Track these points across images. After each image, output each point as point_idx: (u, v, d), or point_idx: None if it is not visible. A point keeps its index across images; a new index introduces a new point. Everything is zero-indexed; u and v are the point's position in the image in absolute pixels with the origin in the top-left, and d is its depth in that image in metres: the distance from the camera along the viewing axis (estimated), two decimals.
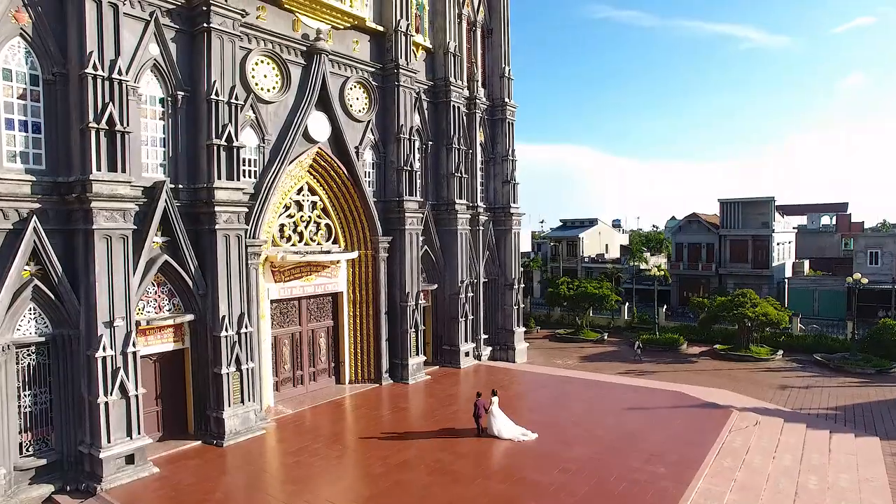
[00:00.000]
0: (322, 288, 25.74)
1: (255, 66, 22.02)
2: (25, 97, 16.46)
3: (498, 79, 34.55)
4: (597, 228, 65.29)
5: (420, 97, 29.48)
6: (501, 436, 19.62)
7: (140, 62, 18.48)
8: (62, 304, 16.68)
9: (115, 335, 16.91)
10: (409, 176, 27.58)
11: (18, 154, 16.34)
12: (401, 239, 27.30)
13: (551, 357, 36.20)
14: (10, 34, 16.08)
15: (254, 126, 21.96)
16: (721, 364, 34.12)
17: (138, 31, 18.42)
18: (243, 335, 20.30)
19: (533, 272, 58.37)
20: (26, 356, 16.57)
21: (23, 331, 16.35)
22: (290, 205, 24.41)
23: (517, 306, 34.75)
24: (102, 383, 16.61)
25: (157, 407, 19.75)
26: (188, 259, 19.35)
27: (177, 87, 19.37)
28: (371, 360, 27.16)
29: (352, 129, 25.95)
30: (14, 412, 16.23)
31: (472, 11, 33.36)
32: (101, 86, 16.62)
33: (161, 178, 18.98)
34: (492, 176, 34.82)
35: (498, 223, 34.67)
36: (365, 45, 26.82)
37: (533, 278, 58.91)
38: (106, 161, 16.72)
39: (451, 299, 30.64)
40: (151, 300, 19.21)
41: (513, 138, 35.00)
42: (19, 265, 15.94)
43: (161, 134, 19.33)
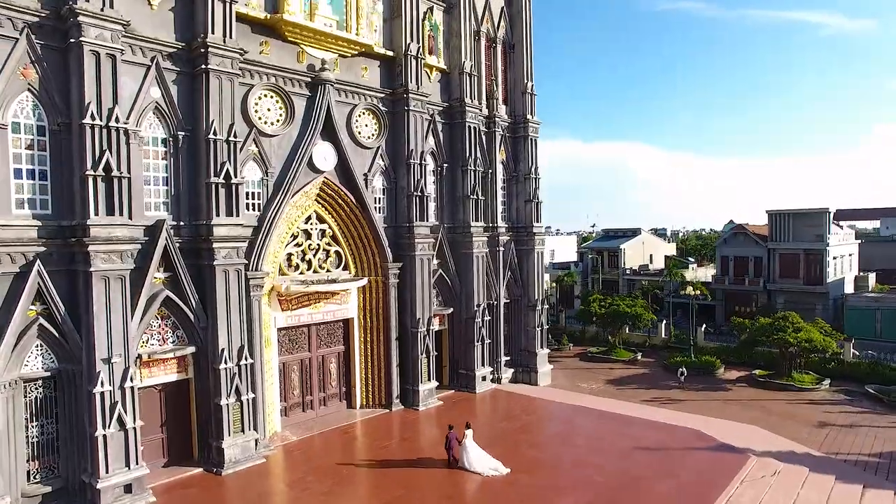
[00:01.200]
0: (332, 314, 26.07)
1: (259, 100, 22.55)
2: (33, 147, 17.50)
3: (520, 95, 33.86)
4: (640, 238, 62.85)
5: (434, 119, 29.32)
6: (473, 469, 19.74)
7: (142, 106, 19.29)
8: (66, 341, 17.66)
9: (114, 371, 17.72)
10: (420, 201, 27.47)
11: (26, 200, 17.40)
12: (411, 264, 27.24)
13: (577, 379, 35.12)
14: (19, 90, 17.13)
15: (257, 160, 22.50)
16: (757, 393, 31.98)
17: (140, 75, 19.23)
18: (243, 367, 20.83)
19: (574, 285, 56.91)
20: (33, 389, 17.65)
21: (30, 366, 17.42)
22: (298, 234, 24.85)
23: (540, 328, 33.94)
24: (101, 417, 17.44)
25: (161, 434, 20.58)
26: (189, 294, 20.03)
27: (178, 128, 20.09)
28: (382, 386, 27.26)
29: (360, 156, 26.11)
30: (22, 442, 17.32)
31: (493, 28, 32.85)
32: (98, 134, 17.47)
33: (163, 217, 19.76)
34: (514, 194, 34.17)
35: (520, 243, 33.99)
36: (374, 70, 26.93)
37: (574, 290, 57.50)
38: (104, 205, 17.56)
39: (467, 323, 30.30)
40: (155, 333, 20.02)
41: (536, 156, 34.21)
42: (25, 305, 16.97)
43: (164, 173, 20.11)
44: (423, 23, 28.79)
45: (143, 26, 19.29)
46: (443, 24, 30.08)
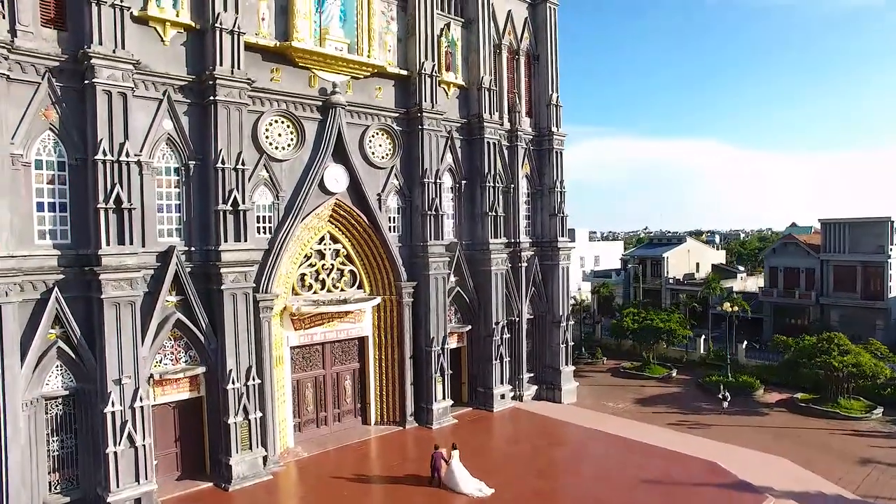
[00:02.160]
0: (345, 333, 26.53)
1: (269, 126, 23.22)
2: (54, 181, 18.77)
3: (545, 107, 33.23)
4: (685, 246, 60.13)
5: (452, 135, 29.26)
6: (459, 490, 20.15)
7: (155, 137, 20.30)
8: (82, 362, 18.86)
9: (124, 392, 18.79)
10: (435, 220, 27.48)
11: (48, 231, 18.69)
12: (425, 283, 27.30)
13: (604, 397, 34.15)
14: (42, 130, 18.41)
15: (267, 184, 23.19)
16: (796, 420, 30.03)
17: (153, 109, 20.24)
18: (251, 387, 21.57)
19: (612, 295, 55.26)
20: (54, 407, 18.96)
21: (51, 385, 18.72)
22: (311, 254, 25.42)
23: (565, 345, 33.21)
24: (112, 434, 18.55)
25: (175, 449, 21.62)
26: (200, 316, 20.93)
27: (189, 157, 21.00)
28: (396, 403, 27.51)
29: (373, 176, 26.41)
30: (44, 455, 18.67)
31: (515, 40, 32.40)
32: (109, 169, 18.55)
33: (175, 242, 20.73)
34: (539, 208, 33.58)
35: (545, 257, 33.38)
36: (389, 90, 27.15)
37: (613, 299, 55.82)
38: (115, 236, 18.64)
39: (485, 341, 30.07)
40: (169, 353, 21.05)
41: (561, 169, 33.47)
42: (45, 329, 18.26)
43: (176, 200, 21.06)
44: (440, 39, 28.77)
45: (156, 62, 20.29)
46: (461, 39, 29.92)
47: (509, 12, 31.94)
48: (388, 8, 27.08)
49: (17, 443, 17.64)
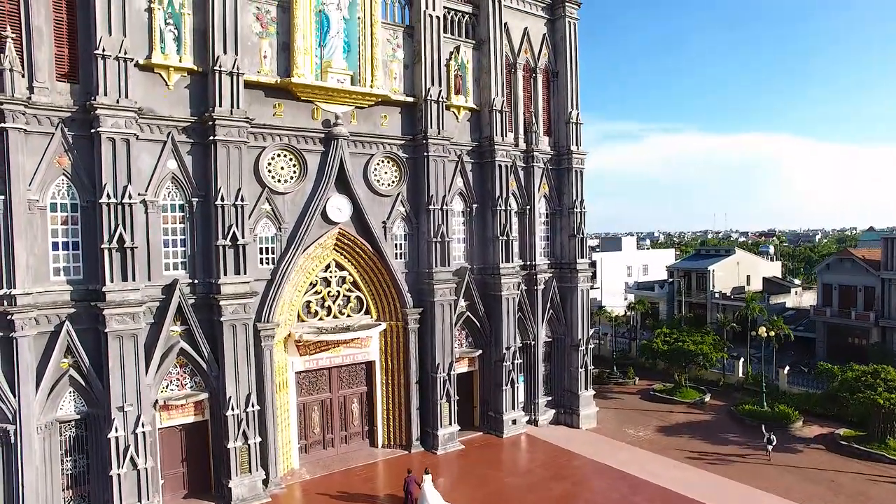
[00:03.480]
0: (351, 358, 27.09)
1: (271, 160, 24.06)
2: (67, 222, 20.34)
3: (563, 125, 32.45)
4: (734, 258, 56.60)
5: (462, 159, 29.16)
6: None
7: (160, 177, 21.54)
8: (92, 389, 20.36)
9: (127, 418, 20.13)
10: (441, 247, 27.52)
11: (61, 268, 20.28)
12: (431, 310, 27.40)
13: (627, 423, 32.99)
14: (56, 175, 20.00)
15: (270, 217, 24.04)
16: (835, 460, 27.74)
17: (157, 151, 21.48)
18: (250, 413, 22.49)
19: (647, 311, 53.14)
20: (67, 429, 20.59)
21: (64, 410, 20.34)
22: (317, 282, 26.12)
23: (584, 368, 32.35)
24: (116, 457, 19.94)
25: (182, 469, 22.92)
26: (202, 345, 22.05)
27: (192, 194, 22.13)
28: (403, 427, 27.81)
29: (378, 204, 26.78)
30: (58, 473, 20.33)
31: (532, 57, 31.80)
32: (113, 211, 19.89)
33: (180, 275, 21.95)
34: (558, 229, 32.86)
35: (563, 279, 32.64)
36: (395, 117, 27.41)
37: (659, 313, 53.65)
38: (119, 273, 19.99)
39: (496, 365, 29.81)
40: (175, 379, 22.33)
41: (580, 188, 32.59)
42: (58, 358, 19.86)
43: (181, 235, 22.26)
44: (449, 63, 28.72)
45: (161, 105, 21.53)
46: (472, 60, 29.71)
47: (525, 30, 31.40)
48: (394, 36, 27.34)
49: (32, 463, 19.32)
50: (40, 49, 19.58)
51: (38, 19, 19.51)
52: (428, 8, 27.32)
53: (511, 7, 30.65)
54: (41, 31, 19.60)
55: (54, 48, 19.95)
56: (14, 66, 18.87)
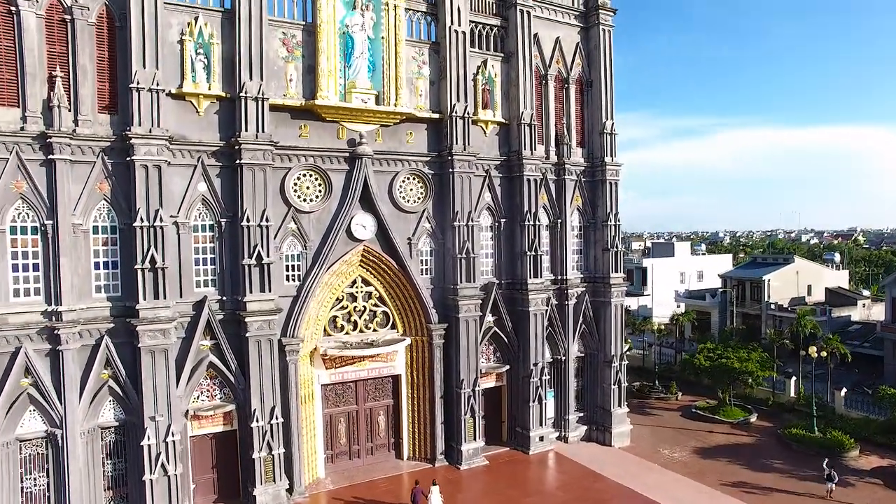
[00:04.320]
0: (377, 372, 27.62)
1: (297, 180, 24.89)
2: (108, 243, 21.88)
3: (597, 136, 31.68)
4: (792, 267, 52.95)
5: (490, 174, 29.06)
6: None
7: (191, 199, 22.79)
8: (128, 398, 21.85)
9: (158, 427, 21.47)
10: (466, 263, 27.56)
11: (102, 286, 21.84)
12: (456, 326, 27.52)
13: (662, 442, 31.87)
14: (97, 200, 21.56)
15: (296, 235, 24.89)
16: (892, 498, 25.68)
17: (188, 174, 22.71)
18: (274, 425, 23.44)
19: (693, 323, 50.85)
20: (107, 435, 22.19)
21: (105, 417, 21.95)
22: (343, 297, 26.80)
23: (617, 385, 31.52)
24: (148, 464, 21.32)
25: (213, 475, 24.21)
26: (230, 359, 23.18)
27: (221, 215, 23.26)
28: (427, 441, 28.13)
29: (403, 220, 27.13)
30: (100, 475, 21.96)
31: (564, 68, 31.19)
32: (146, 233, 21.22)
33: (210, 292, 23.17)
34: (592, 242, 32.16)
35: (597, 293, 31.92)
36: (421, 134, 27.67)
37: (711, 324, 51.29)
38: (151, 292, 21.32)
39: (523, 381, 29.56)
40: (205, 390, 23.59)
41: (615, 201, 31.71)
42: (98, 370, 21.44)
43: (211, 254, 23.45)
44: (476, 78, 28.65)
45: (192, 131, 22.76)
46: (500, 73, 29.50)
47: (557, 39, 30.85)
48: (420, 53, 27.57)
49: (77, 465, 20.99)
50: (84, 85, 21.15)
51: (83, 58, 21.10)
52: (453, 24, 27.38)
53: (542, 17, 30.20)
54: (85, 68, 21.16)
55: (96, 83, 21.48)
56: (62, 102, 20.51)
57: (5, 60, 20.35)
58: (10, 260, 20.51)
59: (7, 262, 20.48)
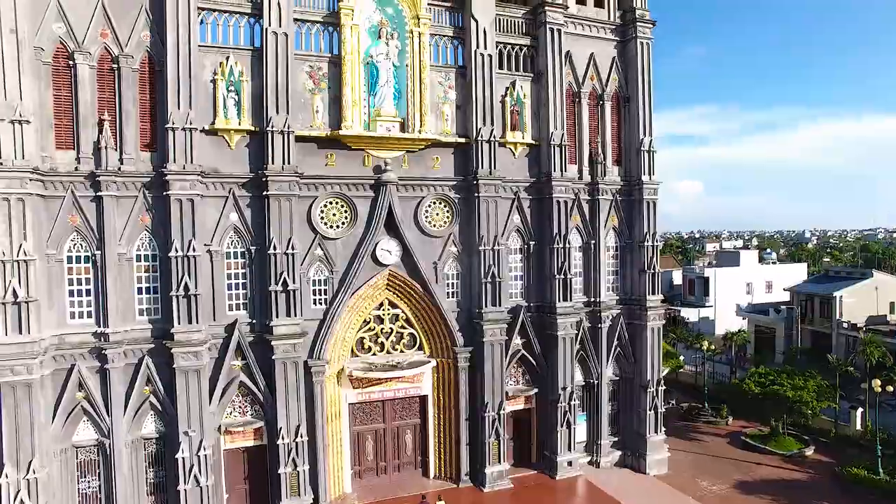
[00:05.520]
0: (404, 392, 28.24)
1: (324, 208, 25.88)
2: (149, 270, 23.78)
3: (635, 154, 30.64)
4: (871, 282, 48.03)
5: (518, 196, 28.88)
6: None
7: (223, 228, 24.29)
8: (166, 413, 23.71)
9: (191, 441, 23.16)
10: (492, 287, 27.60)
11: (144, 310, 23.78)
12: (481, 349, 27.63)
13: (703, 472, 30.40)
14: (140, 231, 23.46)
15: (322, 261, 25.90)
16: None
17: (220, 205, 24.21)
18: (299, 443, 24.63)
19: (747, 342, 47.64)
20: (149, 445, 24.16)
21: (146, 429, 23.92)
22: (370, 319, 27.59)
23: (653, 411, 30.42)
24: (182, 475, 23.06)
25: (245, 486, 25.77)
26: (259, 379, 24.55)
27: (251, 243, 24.62)
28: (453, 461, 28.49)
29: (429, 245, 27.52)
30: (143, 481, 24.00)
31: (599, 84, 30.36)
32: (180, 262, 22.88)
33: (242, 315, 24.63)
34: (628, 263, 31.19)
35: (633, 316, 30.95)
36: (447, 158, 27.90)
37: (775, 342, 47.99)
38: (185, 316, 22.98)
39: (552, 405, 29.20)
40: (237, 407, 25.12)
41: (653, 221, 30.55)
42: (140, 386, 23.40)
43: (242, 280, 24.89)
44: (505, 99, 28.51)
45: (224, 164, 24.23)
46: (530, 94, 29.14)
47: (591, 55, 30.07)
48: (446, 77, 27.78)
49: (122, 471, 23.09)
50: (128, 126, 23.04)
51: (127, 102, 23.00)
52: (479, 47, 27.38)
53: (574, 34, 29.58)
54: (129, 111, 23.05)
55: (139, 123, 23.33)
56: (108, 143, 22.49)
57: (64, 109, 22.56)
58: (66, 286, 22.78)
59: (65, 287, 22.77)
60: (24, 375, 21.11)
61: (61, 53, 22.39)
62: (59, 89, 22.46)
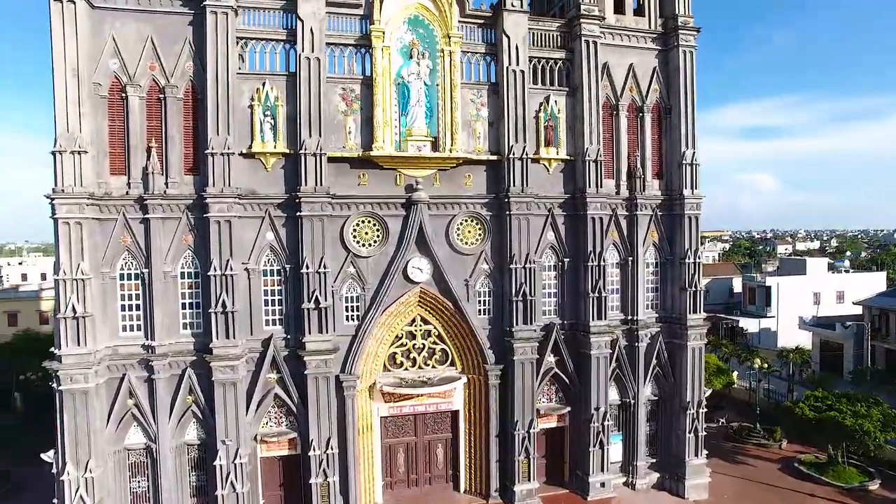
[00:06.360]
0: (435, 407, 28.56)
1: (356, 227, 26.51)
2: (192, 287, 25.20)
3: (676, 167, 29.52)
4: None
5: (552, 213, 28.49)
6: None
7: (260, 247, 25.39)
8: (207, 421, 25.12)
9: (228, 450, 24.44)
10: (523, 305, 27.42)
11: (188, 324, 25.25)
12: (511, 367, 27.53)
13: (745, 500, 28.89)
14: (183, 250, 24.83)
15: (354, 279, 26.56)
16: None
17: (257, 225, 25.30)
18: (329, 455, 25.46)
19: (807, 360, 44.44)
20: (192, 451, 25.67)
21: (189, 436, 25.42)
22: (402, 335, 28.05)
23: (693, 434, 29.34)
24: (220, 481, 24.39)
25: (280, 492, 26.93)
26: (292, 391, 25.55)
27: (286, 261, 25.60)
28: (483, 476, 28.58)
29: (460, 263, 27.64)
30: (187, 484, 25.55)
31: (639, 95, 29.43)
32: (218, 281, 24.13)
33: (278, 330, 25.69)
34: (668, 280, 30.16)
35: (673, 334, 29.92)
36: (480, 175, 27.89)
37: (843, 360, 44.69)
38: (223, 332, 24.25)
39: (584, 424, 28.71)
40: (273, 417, 26.27)
41: (695, 236, 29.41)
42: (184, 395, 24.90)
43: (278, 296, 25.93)
44: (539, 114, 28.17)
45: (261, 186, 25.29)
46: (565, 108, 28.61)
47: (630, 66, 29.17)
48: (479, 95, 27.73)
49: (167, 475, 24.69)
50: (173, 151, 24.49)
51: (172, 129, 24.43)
52: (511, 63, 27.16)
53: (612, 45, 28.82)
54: (174, 138, 24.48)
55: (183, 148, 24.75)
56: (155, 169, 24.00)
57: (117, 138, 24.25)
58: (118, 301, 24.55)
59: (117, 303, 24.54)
60: (82, 384, 23.02)
61: (115, 87, 24.07)
62: (113, 120, 24.16)
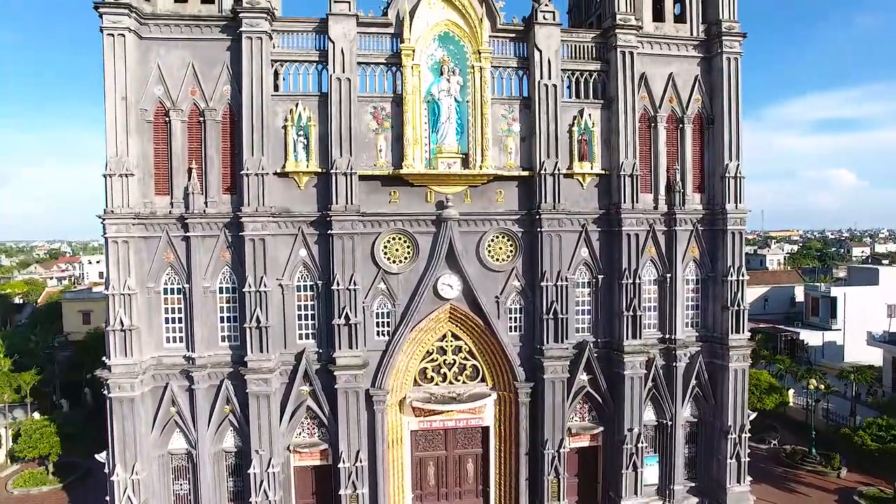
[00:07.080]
0: (465, 422, 28.55)
1: (386, 244, 26.82)
2: (230, 301, 26.23)
3: (719, 180, 28.23)
4: None
5: (586, 228, 27.85)
6: None
7: (294, 264, 26.14)
8: (242, 430, 26.15)
9: (262, 459, 25.36)
10: (554, 323, 27.00)
11: (226, 337, 26.31)
12: (541, 386, 27.18)
13: None
14: (221, 266, 25.92)
15: (385, 295, 26.91)
16: None
17: (291, 242, 26.05)
18: (358, 468, 25.97)
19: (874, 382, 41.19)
20: (229, 457, 26.76)
21: (227, 443, 26.54)
22: (433, 350, 28.19)
23: (735, 459, 28.08)
24: (253, 489, 25.35)
25: (312, 501, 27.68)
26: (323, 404, 26.23)
27: (318, 277, 26.22)
28: (513, 494, 28.38)
29: (491, 279, 27.49)
30: (224, 489, 26.67)
31: (679, 106, 28.29)
32: (253, 297, 25.02)
33: (311, 344, 26.41)
34: (710, 297, 28.95)
35: (714, 355, 28.73)
36: (511, 191, 27.62)
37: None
38: (257, 346, 25.16)
39: (617, 445, 27.99)
40: (305, 428, 27.04)
41: (738, 253, 28.07)
42: (221, 405, 26.00)
43: (311, 311, 26.62)
44: (573, 129, 27.58)
45: (294, 204, 26.03)
46: (600, 121, 27.87)
47: (670, 76, 28.10)
48: (510, 110, 27.43)
49: (206, 479, 25.89)
50: (211, 172, 25.54)
51: (210, 150, 25.48)
52: (543, 78, 26.71)
53: (650, 54, 27.84)
54: (213, 159, 25.52)
55: (221, 169, 25.77)
56: (195, 189, 25.14)
57: (161, 160, 25.53)
58: (162, 314, 25.90)
59: (161, 316, 25.88)
60: (129, 392, 24.47)
61: (160, 111, 25.33)
62: (158, 143, 25.44)
